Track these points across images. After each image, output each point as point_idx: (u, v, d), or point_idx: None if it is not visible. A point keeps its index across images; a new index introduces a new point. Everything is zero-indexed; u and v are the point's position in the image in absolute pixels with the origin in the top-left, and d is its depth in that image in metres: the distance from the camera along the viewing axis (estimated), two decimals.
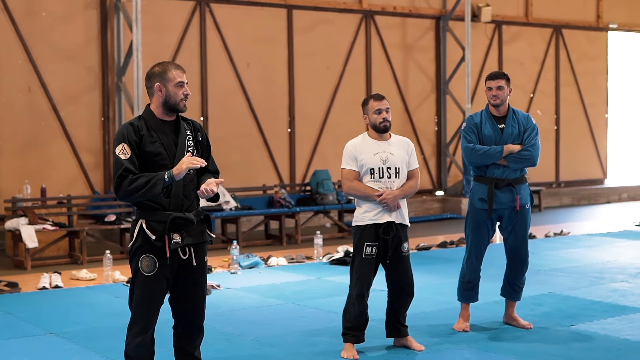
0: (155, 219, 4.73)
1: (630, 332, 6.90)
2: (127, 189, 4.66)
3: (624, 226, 14.49)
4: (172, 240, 4.71)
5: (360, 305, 6.24)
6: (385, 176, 6.28)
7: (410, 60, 16.97)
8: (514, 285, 7.18)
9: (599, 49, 19.98)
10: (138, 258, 4.76)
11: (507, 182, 6.90)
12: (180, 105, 4.82)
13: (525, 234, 7.09)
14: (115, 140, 4.78)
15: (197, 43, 14.42)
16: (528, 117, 7.07)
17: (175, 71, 4.80)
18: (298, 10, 15.43)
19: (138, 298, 4.80)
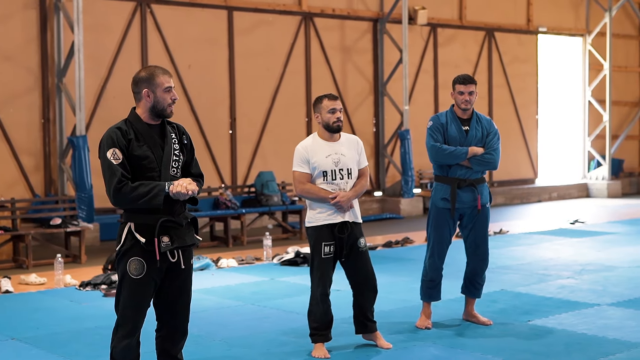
0: (144, 222, 4.73)
1: (585, 326, 7.13)
2: (128, 197, 4.64)
3: (559, 224, 14.89)
4: (162, 243, 4.71)
5: (324, 304, 6.35)
6: (338, 178, 6.38)
7: (349, 62, 17.13)
8: (475, 282, 7.35)
9: (530, 51, 20.47)
10: (126, 261, 4.75)
11: (469, 182, 7.08)
12: (167, 110, 4.84)
13: (486, 231, 7.27)
14: (104, 144, 4.74)
15: (137, 44, 14.31)
16: (490, 121, 7.26)
17: (162, 76, 4.82)
18: (238, 11, 15.44)
19: (125, 301, 4.79)
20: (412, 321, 7.38)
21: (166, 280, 4.86)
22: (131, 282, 4.75)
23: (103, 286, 9.11)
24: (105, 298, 8.69)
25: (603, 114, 21.16)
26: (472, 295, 7.41)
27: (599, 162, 21.52)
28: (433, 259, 7.23)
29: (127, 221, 4.78)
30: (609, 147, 21.09)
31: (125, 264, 4.76)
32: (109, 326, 7.20)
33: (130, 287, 4.76)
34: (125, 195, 4.63)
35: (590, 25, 21.37)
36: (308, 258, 10.58)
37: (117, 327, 4.84)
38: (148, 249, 4.71)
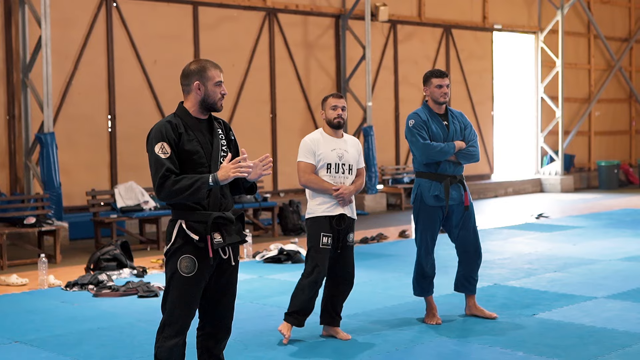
0: (195, 219, 4.63)
1: (590, 319, 7.22)
2: (170, 190, 4.53)
3: (524, 219, 15.09)
4: (214, 240, 4.62)
5: (311, 292, 6.47)
6: (340, 172, 6.57)
7: (312, 59, 17.08)
8: (471, 279, 7.32)
9: (485, 48, 20.71)
10: (177, 259, 4.63)
11: (458, 179, 7.10)
12: (218, 104, 4.76)
13: (475, 227, 7.27)
14: (152, 138, 4.62)
15: (103, 39, 14.03)
16: (462, 114, 7.31)
17: (214, 70, 4.75)
18: (203, 7, 15.26)
19: (175, 299, 4.66)
20: (418, 317, 7.38)
21: (213, 277, 4.76)
22: (182, 280, 4.63)
23: (90, 286, 8.90)
24: (96, 298, 8.49)
25: (556, 110, 21.52)
26: (468, 291, 7.39)
27: (551, 157, 21.88)
28: (430, 256, 7.20)
29: (177, 219, 4.67)
30: (561, 143, 21.45)
31: (175, 262, 4.64)
32: (113, 327, 7.16)
33: (181, 286, 4.64)
34: (168, 188, 4.52)
35: (542, 23, 21.71)
36: (292, 255, 10.57)
37: (164, 326, 4.70)
38: (200, 247, 4.61)
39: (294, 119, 16.75)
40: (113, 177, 14.04)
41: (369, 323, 7.22)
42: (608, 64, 23.92)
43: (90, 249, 12.08)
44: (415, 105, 19.06)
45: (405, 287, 8.79)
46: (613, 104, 24.11)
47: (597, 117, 23.76)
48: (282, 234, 13.60)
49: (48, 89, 12.22)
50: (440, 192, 7.03)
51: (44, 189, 12.14)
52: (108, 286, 8.79)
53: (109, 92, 14.07)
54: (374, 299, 8.17)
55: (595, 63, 23.60)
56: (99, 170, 13.98)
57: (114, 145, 14.09)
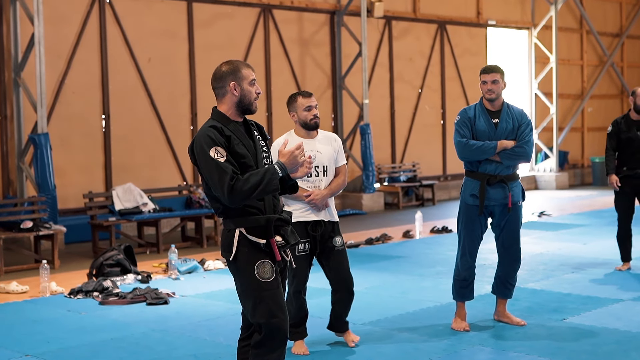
0: (255, 225, 4.40)
1: (623, 323, 6.97)
2: (243, 191, 4.28)
3: (525, 217, 14.84)
4: (278, 243, 4.42)
5: (298, 302, 6.26)
6: (313, 175, 6.26)
7: (307, 56, 16.77)
8: (507, 283, 7.08)
9: (479, 44, 20.47)
10: (252, 267, 4.38)
11: (499, 178, 6.80)
12: (254, 105, 4.53)
13: (518, 231, 7.01)
14: (201, 145, 4.36)
15: (96, 37, 13.65)
16: (523, 112, 6.97)
17: (247, 69, 4.52)
18: (198, 3, 14.90)
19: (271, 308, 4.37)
20: (444, 323, 7.10)
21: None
22: (267, 286, 4.38)
23: (95, 293, 8.56)
24: (103, 306, 8.15)
25: (550, 106, 21.33)
26: (504, 295, 7.13)
27: (546, 154, 21.69)
28: (465, 257, 6.94)
29: (235, 227, 4.41)
30: (556, 140, 21.27)
31: (251, 270, 4.38)
32: (127, 338, 6.83)
33: (269, 292, 4.37)
34: (240, 190, 4.28)
35: (535, 19, 21.51)
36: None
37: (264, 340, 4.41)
38: (266, 251, 4.39)
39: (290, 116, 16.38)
40: (108, 178, 13.66)
41: (393, 330, 6.93)
42: (600, 59, 23.77)
43: (87, 253, 11.72)
44: (410, 103, 18.83)
45: (424, 291, 8.54)
46: (605, 100, 23.97)
47: (590, 113, 23.60)
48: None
49: (41, 88, 11.83)
50: (477, 191, 6.76)
51: (39, 191, 11.76)
52: (114, 293, 8.45)
53: (102, 91, 13.69)
54: (393, 304, 7.88)
55: (588, 59, 23.45)
56: (93, 171, 13.60)
57: (108, 146, 13.72)
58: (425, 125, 19.18)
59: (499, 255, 7.06)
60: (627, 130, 9.18)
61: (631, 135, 9.14)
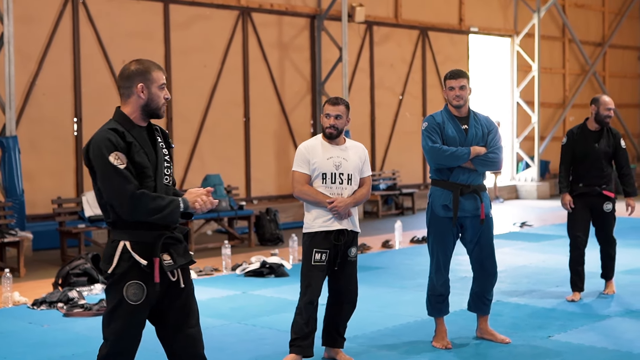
0: (142, 240, 4.10)
1: (612, 341, 6.71)
2: (147, 208, 4.03)
3: (507, 228, 14.57)
4: (164, 262, 4.10)
5: (307, 313, 5.98)
6: (337, 182, 6.07)
7: (286, 60, 16.42)
8: (484, 298, 6.77)
9: (461, 51, 20.20)
10: (122, 285, 4.08)
11: (472, 188, 6.49)
12: (161, 110, 4.23)
13: (492, 244, 6.68)
14: (102, 148, 4.04)
15: (69, 37, 13.24)
16: (489, 119, 6.71)
17: (158, 71, 4.22)
18: (175, 4, 14.53)
19: (119, 330, 4.11)
20: (425, 340, 6.78)
21: (165, 302, 4.21)
22: (129, 310, 4.10)
23: (60, 304, 8.16)
24: (67, 318, 7.76)
25: (532, 115, 21.10)
26: (482, 312, 6.82)
27: (527, 163, 21.46)
28: (440, 272, 6.61)
29: (119, 239, 4.10)
30: (537, 149, 21.04)
31: (121, 288, 4.08)
32: (89, 354, 6.40)
33: (128, 315, 4.11)
34: (145, 206, 4.02)
35: (518, 26, 21.29)
36: (275, 268, 9.91)
37: (107, 357, 4.14)
38: (147, 271, 4.08)
39: (268, 122, 16.07)
40: (79, 183, 13.25)
41: (373, 347, 6.60)
42: (582, 68, 23.59)
43: (55, 260, 11.31)
44: (390, 110, 18.54)
45: (403, 305, 8.22)
46: (587, 109, 23.63)
47: (572, 123, 23.37)
48: (259, 244, 12.92)
49: (10, 90, 11.41)
50: (450, 202, 6.42)
51: (6, 196, 11.34)
52: (80, 304, 8.05)
53: (74, 93, 13.28)
54: (372, 319, 7.54)
55: (570, 68, 23.26)
56: (64, 176, 13.18)
57: (79, 150, 13.30)
58: (406, 133, 18.88)
59: (474, 270, 6.74)
60: (583, 142, 8.13)
61: (588, 148, 8.09)
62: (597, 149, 8.09)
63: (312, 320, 6.00)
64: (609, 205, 8.16)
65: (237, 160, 15.55)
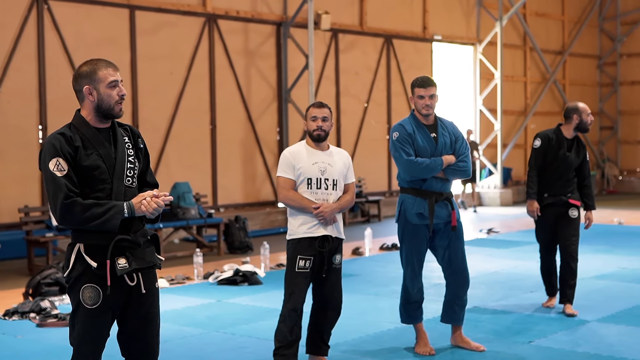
0: (95, 242, 4.05)
1: (592, 346, 6.72)
2: (79, 217, 3.97)
3: (474, 234, 14.64)
4: (118, 266, 4.04)
5: (291, 321, 5.91)
6: (323, 187, 6.01)
7: (253, 67, 16.35)
8: (456, 305, 6.68)
9: (425, 59, 20.30)
10: (79, 289, 4.06)
11: (445, 196, 6.49)
12: (115, 109, 4.15)
13: (464, 250, 6.65)
14: (45, 154, 4.02)
15: (34, 44, 13.03)
16: (454, 125, 6.69)
17: (105, 70, 4.14)
18: (141, 10, 14.39)
19: (81, 334, 4.09)
20: (407, 346, 6.76)
21: (128, 308, 4.17)
22: (86, 313, 4.06)
23: (32, 314, 8.00)
24: (41, 329, 7.60)
25: (494, 122, 21.26)
26: (455, 322, 6.73)
27: (490, 170, 21.61)
28: (416, 279, 6.58)
29: (75, 242, 4.08)
30: (500, 156, 21.19)
31: (77, 292, 4.06)
32: None
33: (86, 319, 4.07)
34: (76, 215, 3.96)
35: (481, 35, 21.46)
36: (248, 276, 9.83)
37: None
38: (100, 274, 4.03)
39: (235, 130, 15.98)
40: (44, 192, 13.04)
41: (356, 354, 6.56)
42: (543, 76, 23.86)
43: (22, 270, 11.11)
44: (356, 118, 18.54)
45: (381, 312, 8.19)
46: (548, 117, 24.02)
47: (533, 130, 23.62)
48: (228, 252, 12.82)
49: None
50: (425, 210, 6.40)
51: None
52: (53, 314, 7.90)
53: (39, 100, 13.07)
54: (351, 326, 7.48)
55: (531, 76, 23.50)
56: (29, 184, 12.96)
57: None
58: (371, 140, 18.91)
59: (447, 277, 6.68)
60: (556, 148, 7.79)
61: (560, 155, 7.77)
62: (569, 157, 7.82)
63: (297, 328, 5.94)
64: (575, 211, 7.86)
65: (203, 168, 15.44)
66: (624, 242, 13.20)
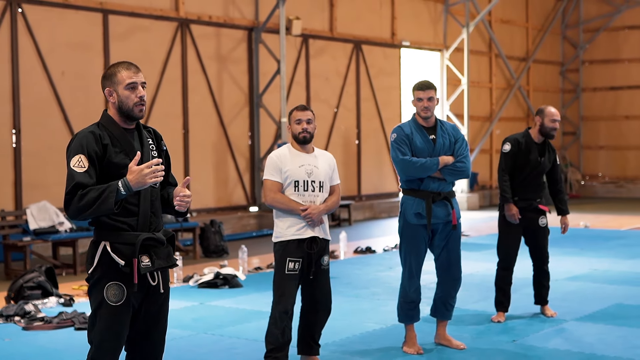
0: (121, 241, 4.12)
1: (575, 344, 6.92)
2: (77, 206, 4.02)
3: None
4: (141, 264, 4.13)
5: (282, 323, 5.99)
6: (310, 190, 6.11)
7: (225, 72, 16.42)
8: (447, 304, 6.89)
9: (394, 65, 20.52)
10: (102, 286, 4.14)
11: (443, 195, 6.65)
12: (135, 111, 4.22)
13: (459, 250, 6.82)
14: (71, 150, 4.12)
15: (7, 48, 12.98)
16: (455, 127, 6.86)
17: (125, 71, 4.22)
18: (114, 15, 14.39)
19: (103, 332, 4.16)
20: (395, 346, 6.89)
21: (143, 306, 4.27)
22: (110, 310, 4.14)
23: (17, 318, 8.00)
24: (27, 332, 7.61)
25: (461, 128, 21.51)
26: (443, 317, 6.95)
27: None
28: (413, 279, 6.73)
29: (100, 240, 4.16)
30: None
31: (101, 289, 4.14)
32: None
33: (109, 316, 4.14)
34: (74, 205, 4.03)
35: (448, 41, 21.72)
36: (229, 279, 9.90)
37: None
38: (126, 272, 4.12)
39: (207, 134, 16.03)
40: (18, 196, 12.98)
41: (346, 354, 6.69)
42: (508, 83, 24.21)
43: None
44: (326, 123, 18.68)
45: (364, 313, 8.33)
46: (512, 123, 24.38)
47: (498, 135, 23.95)
48: (204, 256, 12.87)
49: None
50: (422, 209, 6.56)
51: None
52: (39, 318, 7.91)
53: (13, 104, 13.02)
54: (337, 327, 7.59)
55: (497, 82, 23.84)
56: (3, 189, 12.89)
57: (18, 162, 13.04)
58: (341, 145, 19.06)
59: (439, 275, 6.86)
60: (528, 153, 7.66)
61: (531, 159, 7.65)
62: (542, 162, 7.71)
63: (288, 329, 6.02)
64: (544, 220, 7.80)
65: (176, 172, 15.25)
66: (592, 244, 13.49)
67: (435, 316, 6.96)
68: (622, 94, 25.48)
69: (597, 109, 25.97)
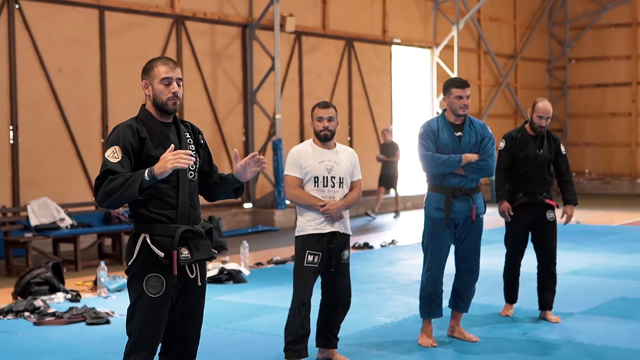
0: (161, 233, 4.18)
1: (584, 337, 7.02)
2: (104, 191, 4.07)
3: None
4: (181, 256, 4.18)
5: (301, 316, 6.05)
6: (329, 185, 6.18)
7: (219, 69, 16.44)
8: (463, 296, 7.01)
9: (385, 62, 20.60)
10: (142, 278, 4.20)
11: (464, 191, 6.72)
12: (168, 104, 4.28)
13: (479, 244, 6.94)
14: (109, 141, 4.20)
15: (4, 44, 12.94)
16: (484, 125, 6.92)
17: (161, 66, 4.29)
18: (110, 11, 14.38)
19: (142, 323, 4.22)
20: (410, 340, 6.96)
21: (180, 298, 4.33)
22: (149, 302, 4.20)
23: (27, 313, 8.01)
24: (39, 327, 7.62)
25: None
26: (460, 309, 7.06)
27: None
28: (430, 272, 6.82)
29: (139, 232, 4.22)
30: None
31: (141, 281, 4.20)
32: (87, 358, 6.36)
33: (148, 308, 4.21)
34: (102, 190, 4.08)
35: (438, 38, 21.83)
36: (233, 275, 9.94)
37: (130, 352, 4.25)
38: (165, 264, 4.17)
39: (202, 131, 16.00)
40: (15, 192, 12.95)
41: (362, 347, 6.76)
42: (496, 80, 24.36)
43: (0, 271, 11.04)
44: None
45: (373, 307, 8.42)
46: (500, 120, 24.54)
47: None
48: None
49: None
50: (443, 204, 6.64)
51: None
52: (49, 313, 7.92)
53: (10, 101, 12.98)
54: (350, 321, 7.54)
55: (485, 79, 23.98)
56: (0, 185, 12.85)
57: (16, 159, 13.00)
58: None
59: (457, 268, 6.98)
60: (524, 147, 7.54)
61: (529, 154, 7.52)
62: (541, 155, 7.55)
63: (306, 321, 6.08)
64: (552, 213, 7.63)
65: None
66: (587, 240, 13.64)
67: (452, 308, 7.05)
68: (608, 91, 25.69)
69: (584, 106, 26.18)
